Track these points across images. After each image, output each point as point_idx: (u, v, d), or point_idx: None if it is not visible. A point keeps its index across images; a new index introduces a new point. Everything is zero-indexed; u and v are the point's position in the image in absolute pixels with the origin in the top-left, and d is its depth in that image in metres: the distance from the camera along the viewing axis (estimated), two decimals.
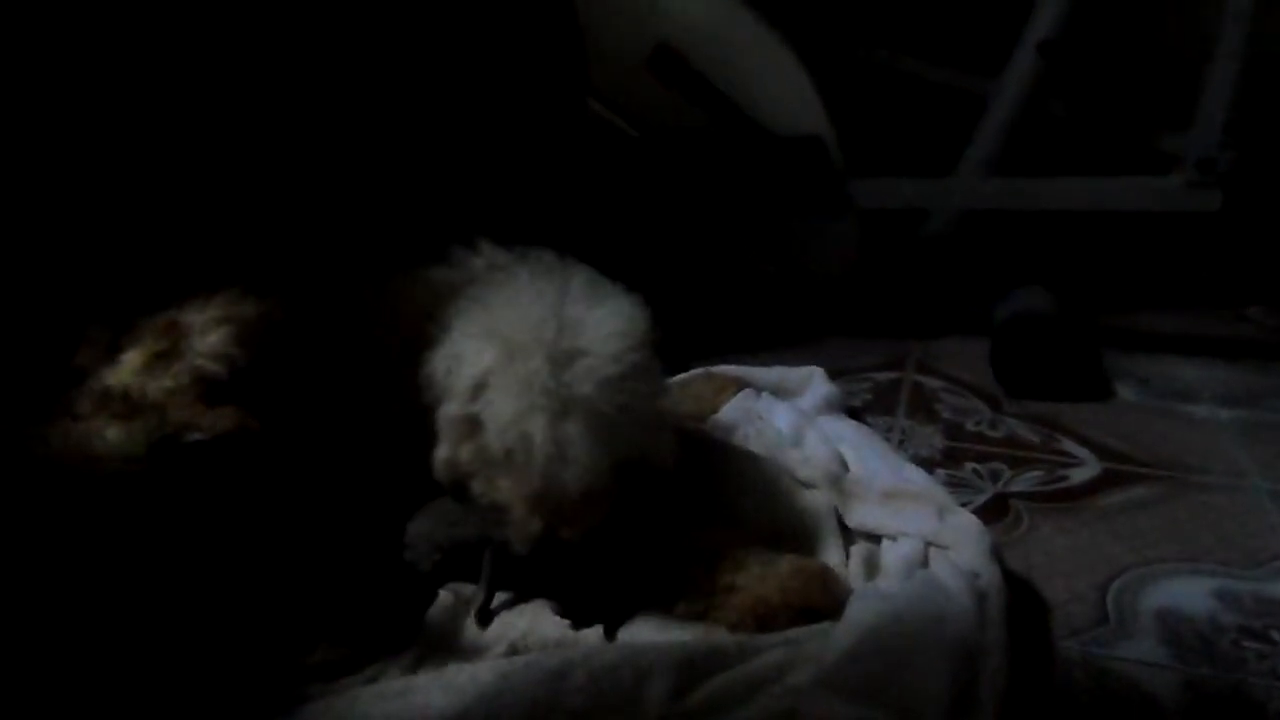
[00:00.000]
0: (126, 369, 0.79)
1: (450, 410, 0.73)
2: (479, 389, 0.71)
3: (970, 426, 1.16)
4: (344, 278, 0.91)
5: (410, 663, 0.69)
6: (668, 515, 0.78)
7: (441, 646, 0.71)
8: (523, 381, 0.68)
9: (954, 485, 1.00)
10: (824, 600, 0.74)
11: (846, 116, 1.43)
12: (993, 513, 0.95)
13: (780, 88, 1.40)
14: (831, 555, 0.82)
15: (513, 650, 0.70)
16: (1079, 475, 1.04)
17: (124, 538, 0.70)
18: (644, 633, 0.72)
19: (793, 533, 0.84)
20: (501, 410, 0.69)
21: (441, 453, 0.73)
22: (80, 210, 0.93)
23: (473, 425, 0.71)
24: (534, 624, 0.73)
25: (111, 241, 0.93)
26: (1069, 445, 1.10)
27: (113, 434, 0.75)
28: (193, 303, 0.83)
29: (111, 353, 0.81)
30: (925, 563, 0.80)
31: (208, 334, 0.80)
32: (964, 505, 0.90)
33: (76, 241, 0.92)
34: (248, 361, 0.80)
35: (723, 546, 0.76)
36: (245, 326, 0.81)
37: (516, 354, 0.69)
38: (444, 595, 0.74)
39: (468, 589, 0.75)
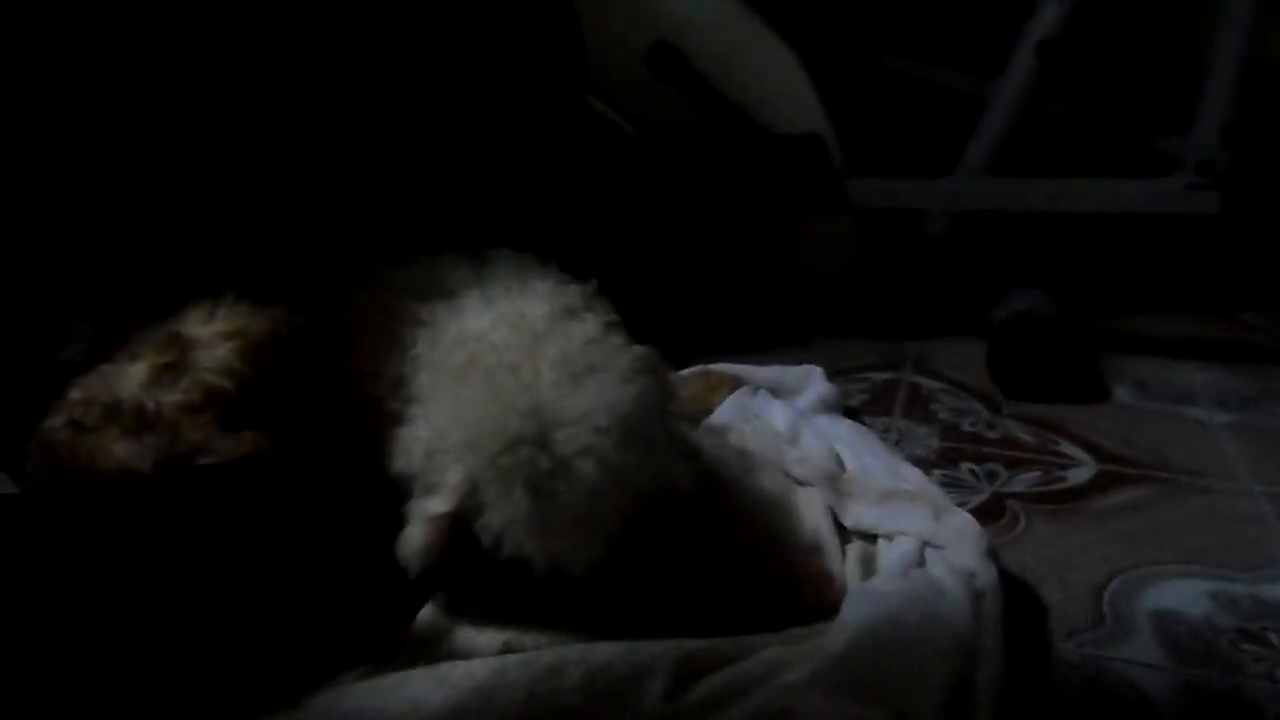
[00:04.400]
0: (132, 380, 0.75)
1: (433, 507, 0.68)
2: (466, 494, 0.67)
3: (967, 427, 1.16)
4: (333, 278, 0.89)
5: (403, 661, 0.68)
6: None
7: (435, 645, 0.70)
8: (513, 502, 0.65)
9: (950, 486, 1.00)
10: (819, 601, 0.74)
11: (846, 116, 1.43)
12: (989, 513, 0.95)
13: (779, 86, 1.40)
14: (827, 555, 0.81)
15: (507, 649, 0.69)
16: (1076, 476, 1.04)
17: (122, 555, 0.68)
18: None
19: (788, 532, 0.84)
20: (491, 524, 0.66)
21: (416, 541, 0.68)
22: (50, 201, 0.90)
23: (455, 526, 0.68)
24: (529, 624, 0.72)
25: (81, 231, 0.90)
26: (1066, 447, 1.10)
27: (121, 449, 0.71)
28: (194, 314, 0.79)
29: (98, 352, 0.78)
30: (921, 562, 0.79)
31: (214, 348, 0.76)
32: (960, 505, 0.89)
33: (43, 230, 0.90)
34: (255, 379, 0.77)
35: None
36: (253, 342, 0.78)
37: (498, 469, 0.66)
38: (438, 596, 0.74)
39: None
